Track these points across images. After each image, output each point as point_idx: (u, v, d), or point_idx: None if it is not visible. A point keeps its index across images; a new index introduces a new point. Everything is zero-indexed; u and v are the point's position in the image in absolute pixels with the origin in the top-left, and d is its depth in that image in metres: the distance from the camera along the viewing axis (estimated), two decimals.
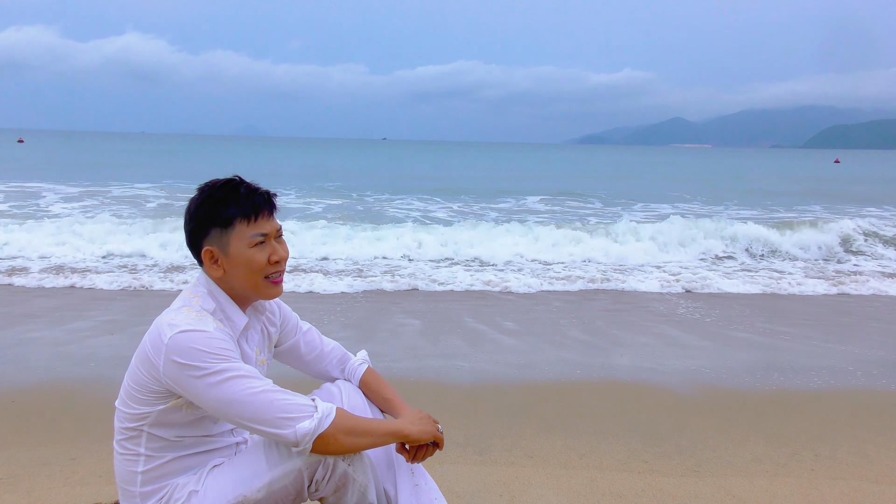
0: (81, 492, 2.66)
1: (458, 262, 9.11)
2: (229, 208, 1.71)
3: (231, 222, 1.71)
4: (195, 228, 1.74)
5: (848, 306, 6.98)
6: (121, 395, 1.75)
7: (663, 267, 9.03)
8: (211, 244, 1.73)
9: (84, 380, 4.17)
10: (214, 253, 1.73)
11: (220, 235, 1.72)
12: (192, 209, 1.74)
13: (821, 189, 27.34)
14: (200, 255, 1.76)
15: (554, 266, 8.94)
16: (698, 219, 12.32)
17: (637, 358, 4.91)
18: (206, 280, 1.78)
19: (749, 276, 8.39)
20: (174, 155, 52.06)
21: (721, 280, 8.01)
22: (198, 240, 1.74)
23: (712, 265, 9.43)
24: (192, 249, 1.78)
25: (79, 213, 12.60)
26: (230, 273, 1.74)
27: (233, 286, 1.77)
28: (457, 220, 13.04)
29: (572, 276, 8.13)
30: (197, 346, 1.59)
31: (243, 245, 1.72)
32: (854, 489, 2.87)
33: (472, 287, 7.52)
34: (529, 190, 22.44)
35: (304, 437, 1.60)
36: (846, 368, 4.73)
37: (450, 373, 4.49)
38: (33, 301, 6.36)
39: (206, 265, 1.75)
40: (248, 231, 1.72)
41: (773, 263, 9.69)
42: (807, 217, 14.34)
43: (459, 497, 2.70)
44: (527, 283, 7.64)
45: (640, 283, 7.77)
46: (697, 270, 8.76)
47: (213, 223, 1.71)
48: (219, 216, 1.71)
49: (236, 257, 1.72)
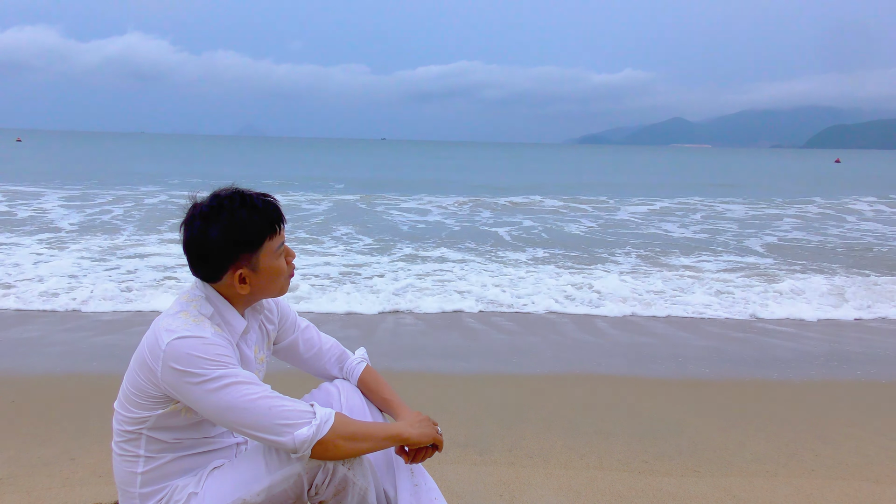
0: (81, 492, 2.66)
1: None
2: (259, 230, 1.69)
3: (261, 244, 1.70)
4: (222, 253, 1.67)
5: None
6: (119, 397, 1.74)
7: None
8: (241, 267, 1.70)
9: (84, 380, 4.18)
10: (245, 274, 1.71)
11: (251, 257, 1.70)
12: (213, 239, 1.66)
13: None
14: (221, 278, 1.71)
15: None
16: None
17: (637, 357, 4.91)
18: (202, 285, 1.76)
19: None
20: (176, 156, 51.79)
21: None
22: (224, 264, 1.69)
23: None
24: (211, 276, 1.72)
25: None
26: (257, 287, 1.74)
27: (256, 297, 1.78)
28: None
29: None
30: (195, 353, 1.58)
31: (271, 259, 1.73)
32: (854, 489, 2.87)
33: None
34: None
35: (302, 444, 1.60)
36: (847, 367, 4.74)
37: (450, 372, 4.49)
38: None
39: (233, 285, 1.72)
40: (273, 245, 1.73)
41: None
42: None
43: (459, 497, 2.70)
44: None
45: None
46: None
47: (245, 248, 1.68)
48: (251, 241, 1.68)
49: (265, 272, 1.73)
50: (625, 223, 14.34)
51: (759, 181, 31.77)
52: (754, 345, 5.37)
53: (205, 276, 1.73)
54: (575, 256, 9.75)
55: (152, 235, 10.48)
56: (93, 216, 12.91)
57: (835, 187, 21.79)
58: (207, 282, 1.74)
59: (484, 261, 9.12)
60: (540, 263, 9.00)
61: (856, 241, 12.05)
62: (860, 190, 25.17)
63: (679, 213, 16.41)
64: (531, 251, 10.15)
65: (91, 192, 17.72)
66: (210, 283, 1.74)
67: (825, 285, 7.62)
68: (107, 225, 11.76)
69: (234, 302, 1.77)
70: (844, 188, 25.90)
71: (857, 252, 10.72)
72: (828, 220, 15.65)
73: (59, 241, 9.72)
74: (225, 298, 1.75)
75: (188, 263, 1.73)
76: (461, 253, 9.77)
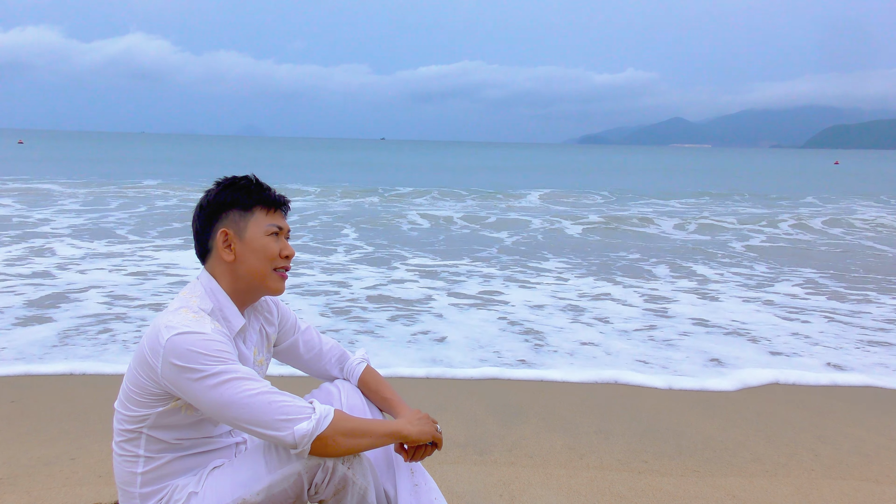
0: (81, 492, 2.66)
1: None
2: (252, 195, 1.78)
3: (251, 207, 1.78)
4: (213, 211, 1.77)
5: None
6: (120, 397, 1.75)
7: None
8: (228, 226, 1.76)
9: (84, 379, 4.18)
10: (230, 236, 1.76)
11: (239, 219, 1.76)
12: (212, 195, 1.78)
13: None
14: (210, 242, 1.78)
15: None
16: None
17: (637, 357, 4.91)
18: (206, 279, 1.78)
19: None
20: (178, 157, 51.47)
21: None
22: (213, 222, 1.77)
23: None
24: (203, 236, 1.79)
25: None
26: (241, 259, 1.77)
27: (241, 275, 1.78)
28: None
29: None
30: (194, 349, 1.59)
31: (260, 231, 1.77)
32: (854, 489, 2.87)
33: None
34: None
35: (302, 439, 1.60)
36: (847, 366, 4.74)
37: (450, 372, 4.49)
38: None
39: (218, 249, 1.77)
40: (265, 220, 1.79)
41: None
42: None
43: (459, 497, 2.70)
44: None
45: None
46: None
47: (234, 205, 1.76)
48: (240, 200, 1.77)
49: (251, 242, 1.77)
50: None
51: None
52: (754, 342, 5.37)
53: (200, 246, 1.81)
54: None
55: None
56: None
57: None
58: (203, 258, 1.81)
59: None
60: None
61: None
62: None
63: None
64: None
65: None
66: (205, 263, 1.80)
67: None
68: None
69: (233, 292, 1.78)
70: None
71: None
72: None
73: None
74: (224, 290, 1.77)
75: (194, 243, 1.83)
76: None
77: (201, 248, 1.81)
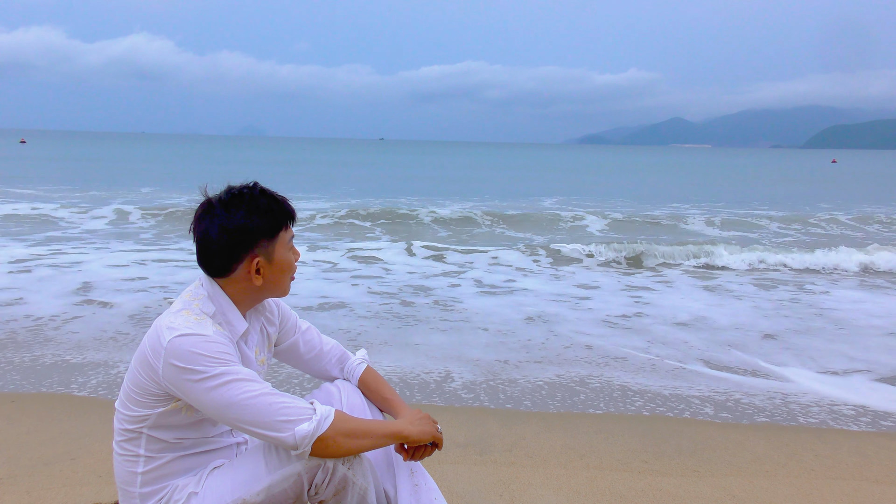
0: (81, 492, 2.66)
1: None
2: (279, 216, 1.72)
3: (279, 231, 1.73)
4: (240, 239, 1.67)
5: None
6: (120, 396, 1.75)
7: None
8: (259, 253, 1.71)
9: (84, 379, 4.18)
10: (261, 264, 1.72)
11: (267, 245, 1.72)
12: (237, 219, 1.67)
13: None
14: (235, 266, 1.71)
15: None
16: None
17: (637, 356, 4.91)
18: (208, 283, 1.75)
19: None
20: (181, 159, 50.50)
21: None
22: (240, 250, 1.69)
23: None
24: (226, 261, 1.70)
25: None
26: (269, 280, 1.75)
27: (264, 294, 1.78)
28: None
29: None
30: (195, 350, 1.59)
31: (285, 250, 1.76)
32: (854, 489, 2.87)
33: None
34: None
35: (302, 440, 1.60)
36: (846, 367, 4.73)
37: (451, 371, 4.49)
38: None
39: (246, 273, 1.72)
40: (287, 236, 1.77)
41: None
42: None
43: (459, 497, 2.70)
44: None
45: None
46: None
47: (264, 234, 1.70)
48: (270, 226, 1.70)
49: (279, 264, 1.75)
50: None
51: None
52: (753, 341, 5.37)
53: (219, 267, 1.71)
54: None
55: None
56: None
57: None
58: (218, 275, 1.73)
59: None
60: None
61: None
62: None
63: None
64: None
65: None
66: (219, 278, 1.74)
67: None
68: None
69: (239, 301, 1.76)
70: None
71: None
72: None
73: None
74: (229, 297, 1.75)
75: (199, 258, 1.73)
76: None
77: (220, 268, 1.72)
